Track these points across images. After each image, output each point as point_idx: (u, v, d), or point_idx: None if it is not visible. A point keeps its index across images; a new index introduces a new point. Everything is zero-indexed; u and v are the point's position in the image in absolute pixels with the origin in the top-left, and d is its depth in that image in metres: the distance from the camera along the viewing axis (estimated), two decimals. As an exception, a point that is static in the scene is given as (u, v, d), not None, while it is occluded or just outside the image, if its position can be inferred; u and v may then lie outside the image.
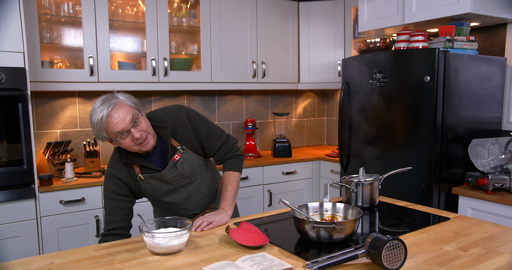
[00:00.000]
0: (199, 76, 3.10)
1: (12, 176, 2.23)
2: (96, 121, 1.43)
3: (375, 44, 2.96)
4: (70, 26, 2.76)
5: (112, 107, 1.43)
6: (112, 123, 1.42)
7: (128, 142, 1.48)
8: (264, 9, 3.36)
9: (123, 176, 1.59)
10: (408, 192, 2.43)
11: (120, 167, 1.60)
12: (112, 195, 1.59)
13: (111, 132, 1.45)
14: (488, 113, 2.55)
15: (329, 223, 1.26)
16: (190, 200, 1.74)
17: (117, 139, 1.47)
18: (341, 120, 2.91)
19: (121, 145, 1.50)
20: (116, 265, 1.20)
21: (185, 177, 1.67)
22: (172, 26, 3.04)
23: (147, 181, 1.62)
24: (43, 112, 2.86)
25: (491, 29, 2.71)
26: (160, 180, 1.63)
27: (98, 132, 1.45)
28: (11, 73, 2.18)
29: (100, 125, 1.43)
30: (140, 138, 1.48)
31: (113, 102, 1.44)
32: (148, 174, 1.60)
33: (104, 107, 1.42)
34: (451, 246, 1.30)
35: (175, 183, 1.66)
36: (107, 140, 1.50)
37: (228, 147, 1.70)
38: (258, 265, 1.15)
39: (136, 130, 1.47)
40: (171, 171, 1.61)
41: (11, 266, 1.20)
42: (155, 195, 1.68)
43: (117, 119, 1.42)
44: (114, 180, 1.59)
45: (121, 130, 1.44)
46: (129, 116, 1.45)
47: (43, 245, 2.37)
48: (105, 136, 1.46)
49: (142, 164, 1.59)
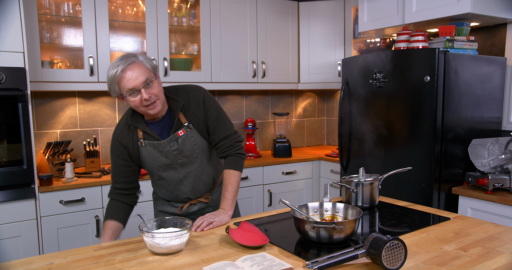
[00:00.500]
0: (199, 76, 3.10)
1: (12, 176, 2.23)
2: (111, 75, 1.48)
3: (375, 44, 2.96)
4: (70, 26, 2.76)
5: (129, 64, 1.47)
6: (125, 78, 1.47)
7: (136, 101, 1.51)
8: (264, 9, 3.36)
9: (123, 138, 1.64)
10: (408, 192, 2.43)
11: (122, 130, 1.65)
12: (114, 156, 1.68)
13: (122, 87, 1.49)
14: (488, 113, 2.55)
15: (329, 223, 1.26)
16: (186, 182, 1.72)
17: (127, 96, 1.51)
18: (341, 120, 2.91)
19: (130, 102, 1.53)
20: (116, 265, 1.20)
21: (184, 155, 1.66)
22: (172, 26, 3.04)
23: (146, 148, 1.64)
24: (43, 112, 2.86)
25: (491, 29, 2.71)
26: (159, 150, 1.63)
27: (111, 86, 1.50)
28: (11, 73, 2.18)
29: (113, 79, 1.48)
30: (149, 100, 1.51)
31: (131, 60, 1.49)
32: (149, 141, 1.63)
33: (121, 63, 1.47)
34: (451, 246, 1.30)
35: (173, 159, 1.66)
36: (118, 96, 1.55)
37: (231, 142, 1.70)
38: (258, 265, 1.15)
39: (146, 91, 1.50)
40: (171, 144, 1.63)
41: (11, 266, 1.20)
42: (151, 166, 1.68)
43: (131, 76, 1.47)
44: (115, 143, 1.66)
45: (132, 87, 1.48)
46: (143, 77, 1.48)
47: (43, 245, 2.37)
48: (116, 90, 1.51)
49: (145, 130, 1.62)
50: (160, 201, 1.87)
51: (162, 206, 1.85)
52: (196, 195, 1.78)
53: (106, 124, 3.08)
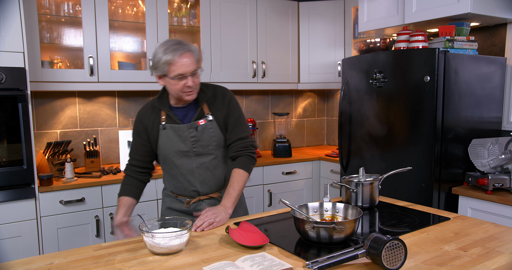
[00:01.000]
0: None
1: (12, 176, 2.23)
2: (166, 55, 1.55)
3: (375, 44, 2.96)
4: (70, 26, 2.76)
5: (186, 51, 1.58)
6: (178, 63, 1.56)
7: (179, 85, 1.60)
8: (264, 9, 3.36)
9: (145, 119, 1.73)
10: (408, 192, 2.43)
11: (147, 110, 1.75)
12: (134, 134, 1.78)
13: (172, 70, 1.57)
14: (488, 113, 2.55)
15: (329, 223, 1.26)
16: (197, 173, 1.74)
17: (174, 79, 1.58)
18: (341, 120, 2.91)
19: (171, 85, 1.61)
20: (116, 265, 1.20)
21: (201, 145, 1.71)
22: (172, 26, 3.04)
23: (166, 131, 1.70)
24: (43, 112, 2.86)
25: (491, 29, 2.71)
26: (178, 135, 1.69)
27: (161, 65, 1.57)
28: (11, 73, 2.18)
29: (167, 60, 1.55)
30: (191, 88, 1.62)
31: (187, 48, 1.59)
32: (170, 125, 1.70)
33: (179, 48, 1.56)
34: (451, 246, 1.30)
35: (189, 146, 1.70)
36: (158, 76, 1.63)
37: (246, 144, 1.76)
38: (258, 265, 1.15)
39: (192, 79, 1.61)
40: (190, 130, 1.69)
41: (11, 266, 1.20)
42: (167, 151, 1.72)
43: (185, 62, 1.57)
44: (137, 122, 1.76)
45: (183, 73, 1.57)
46: (193, 66, 1.60)
47: (43, 245, 2.37)
48: (164, 70, 1.58)
49: (169, 114, 1.70)
50: (168, 198, 1.87)
51: (170, 202, 1.85)
52: (205, 190, 1.78)
53: (106, 124, 3.08)
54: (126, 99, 3.14)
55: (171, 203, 1.85)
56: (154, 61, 1.60)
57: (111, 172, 2.73)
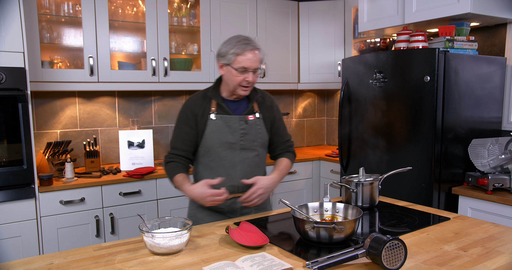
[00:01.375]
0: (199, 76, 3.10)
1: (12, 176, 2.23)
2: (237, 46, 1.64)
3: (375, 44, 2.96)
4: (70, 26, 2.76)
5: (256, 48, 1.67)
6: (247, 56, 1.64)
7: (239, 78, 1.67)
8: (264, 9, 3.36)
9: (195, 107, 1.76)
10: (408, 192, 2.43)
11: (197, 99, 1.78)
12: (181, 123, 1.77)
13: (238, 61, 1.64)
14: (488, 113, 2.55)
15: (329, 223, 1.26)
16: (239, 167, 1.75)
17: (236, 69, 1.64)
18: (341, 120, 2.91)
19: (232, 76, 1.67)
20: (116, 265, 1.20)
21: (247, 139, 1.75)
22: (172, 26, 3.04)
23: (216, 121, 1.73)
24: (43, 112, 2.86)
25: (491, 29, 2.71)
26: (227, 125, 1.73)
27: (229, 53, 1.65)
28: (11, 73, 2.18)
29: (237, 51, 1.64)
30: (250, 83, 1.69)
31: (258, 46, 1.69)
32: (221, 115, 1.74)
33: (251, 43, 1.66)
34: (451, 246, 1.30)
35: (237, 138, 1.73)
36: (222, 64, 1.69)
37: (291, 144, 1.93)
38: (258, 265, 1.15)
39: (252, 76, 1.68)
40: (241, 122, 1.75)
41: (11, 266, 1.21)
42: (213, 142, 1.73)
43: (252, 58, 1.65)
44: (186, 110, 1.76)
45: (247, 67, 1.65)
46: (258, 64, 1.69)
47: (43, 245, 2.37)
48: (230, 59, 1.65)
49: (221, 104, 1.75)
50: None
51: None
52: (243, 186, 1.76)
53: (106, 124, 3.08)
54: (126, 99, 3.14)
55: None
56: (223, 49, 1.68)
57: (111, 172, 2.73)
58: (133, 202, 2.61)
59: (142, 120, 3.22)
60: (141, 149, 2.88)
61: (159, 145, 3.30)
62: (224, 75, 1.73)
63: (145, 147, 2.89)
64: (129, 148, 2.87)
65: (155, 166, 2.92)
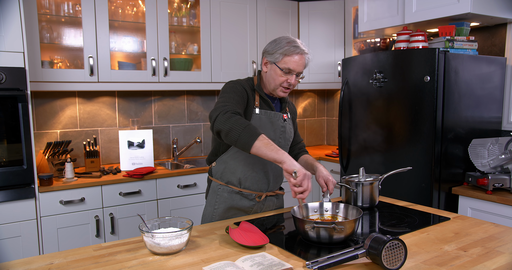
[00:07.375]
0: (199, 76, 3.10)
1: (12, 176, 2.23)
2: (288, 47, 1.63)
3: (375, 44, 2.96)
4: (70, 26, 2.76)
5: (304, 53, 1.67)
6: (295, 58, 1.64)
7: (281, 79, 1.67)
8: (264, 9, 3.36)
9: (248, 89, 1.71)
10: (408, 192, 2.43)
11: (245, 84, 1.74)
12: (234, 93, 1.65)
13: (285, 61, 1.65)
14: (488, 113, 2.55)
15: (329, 223, 1.26)
16: (274, 166, 1.75)
17: (282, 69, 1.65)
18: (341, 120, 2.91)
19: (276, 75, 1.67)
20: (116, 265, 1.20)
21: (284, 137, 1.79)
22: (172, 26, 3.04)
23: (260, 116, 1.72)
24: (43, 112, 2.86)
25: (491, 29, 2.71)
26: (270, 121, 1.74)
27: (279, 52, 1.65)
28: (11, 73, 2.18)
29: (287, 51, 1.63)
30: (291, 85, 1.70)
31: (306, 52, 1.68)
32: (264, 110, 1.73)
33: (300, 46, 1.65)
34: (451, 246, 1.30)
35: (277, 135, 1.75)
36: (268, 61, 1.69)
37: (303, 145, 2.00)
38: (258, 265, 1.15)
39: (295, 79, 1.69)
40: (281, 120, 1.77)
41: (11, 266, 1.20)
42: None
43: (299, 61, 1.66)
44: (239, 87, 1.68)
45: (292, 69, 1.65)
46: (303, 68, 1.69)
47: (43, 245, 2.37)
48: (278, 58, 1.65)
49: (265, 99, 1.75)
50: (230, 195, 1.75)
51: (231, 200, 1.75)
52: (274, 184, 1.80)
53: (106, 124, 3.08)
54: (126, 99, 3.14)
55: (237, 201, 1.74)
56: (272, 47, 1.67)
57: (111, 172, 2.73)
58: (133, 202, 2.61)
59: (142, 120, 3.22)
60: (141, 149, 2.89)
61: (159, 145, 3.30)
62: (266, 73, 1.71)
63: (145, 147, 2.89)
64: (129, 148, 2.87)
65: (155, 166, 2.92)
